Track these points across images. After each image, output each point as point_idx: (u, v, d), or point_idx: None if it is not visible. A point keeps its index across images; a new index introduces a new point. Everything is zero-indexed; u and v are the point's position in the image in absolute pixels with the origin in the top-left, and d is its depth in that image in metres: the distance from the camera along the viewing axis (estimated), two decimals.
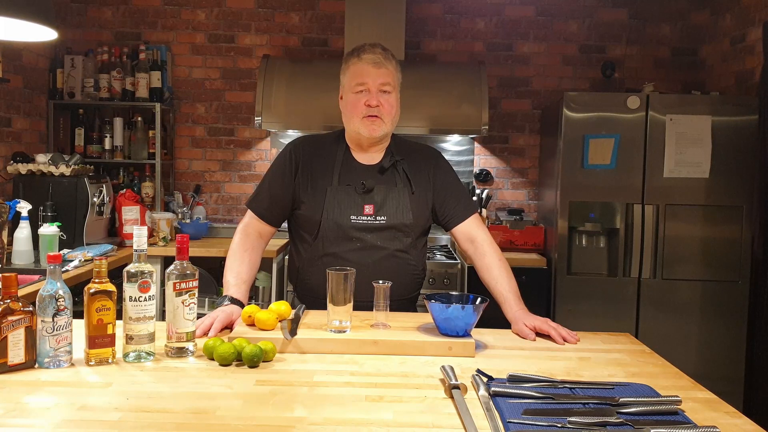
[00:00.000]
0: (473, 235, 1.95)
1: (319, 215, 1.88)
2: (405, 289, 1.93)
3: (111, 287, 1.42)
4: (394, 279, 1.79)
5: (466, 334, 1.58)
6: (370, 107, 1.85)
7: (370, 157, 1.96)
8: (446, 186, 1.99)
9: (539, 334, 1.73)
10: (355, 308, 1.65)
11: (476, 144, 4.09)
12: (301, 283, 1.99)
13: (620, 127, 3.29)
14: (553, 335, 1.70)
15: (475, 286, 3.24)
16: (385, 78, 1.87)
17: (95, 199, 3.32)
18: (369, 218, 1.88)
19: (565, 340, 1.69)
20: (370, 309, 1.69)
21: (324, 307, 1.64)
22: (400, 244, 1.90)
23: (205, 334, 1.62)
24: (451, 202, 1.97)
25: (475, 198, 3.85)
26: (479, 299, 1.61)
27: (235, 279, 1.86)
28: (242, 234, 1.96)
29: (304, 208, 1.92)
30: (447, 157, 2.12)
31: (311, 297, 1.90)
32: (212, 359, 1.46)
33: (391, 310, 1.69)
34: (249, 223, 1.98)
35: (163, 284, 1.55)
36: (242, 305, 1.79)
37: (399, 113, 1.94)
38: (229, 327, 1.69)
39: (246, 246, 1.93)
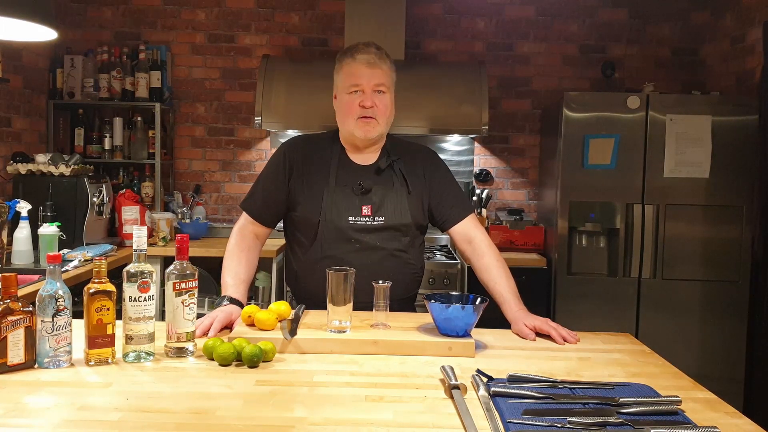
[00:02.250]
0: (471, 236, 1.95)
1: (317, 217, 1.87)
2: (404, 288, 1.93)
3: (111, 287, 1.42)
4: (394, 279, 1.78)
5: (466, 334, 1.58)
6: (364, 108, 1.84)
7: (366, 157, 1.95)
8: (442, 186, 1.98)
9: (540, 335, 1.73)
10: (355, 309, 1.65)
11: (476, 144, 4.09)
12: (300, 287, 1.98)
13: (620, 127, 3.29)
14: (553, 335, 1.70)
15: (475, 286, 3.23)
16: (380, 78, 1.85)
17: (95, 199, 3.32)
18: (367, 219, 1.87)
19: (565, 340, 1.69)
20: (371, 309, 1.69)
21: (325, 310, 1.64)
22: (398, 243, 1.90)
23: (205, 334, 1.62)
24: (447, 203, 1.97)
25: (474, 198, 3.85)
26: (479, 299, 1.61)
27: (233, 279, 1.86)
28: (238, 235, 1.95)
29: (301, 210, 1.90)
30: (447, 157, 2.13)
31: (311, 301, 1.88)
32: (212, 359, 1.46)
33: (390, 310, 1.69)
34: (244, 225, 1.97)
35: (163, 284, 1.55)
36: (241, 305, 1.79)
37: (393, 113, 1.93)
38: (228, 327, 1.69)
39: (242, 246, 1.93)
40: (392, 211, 1.89)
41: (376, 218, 1.87)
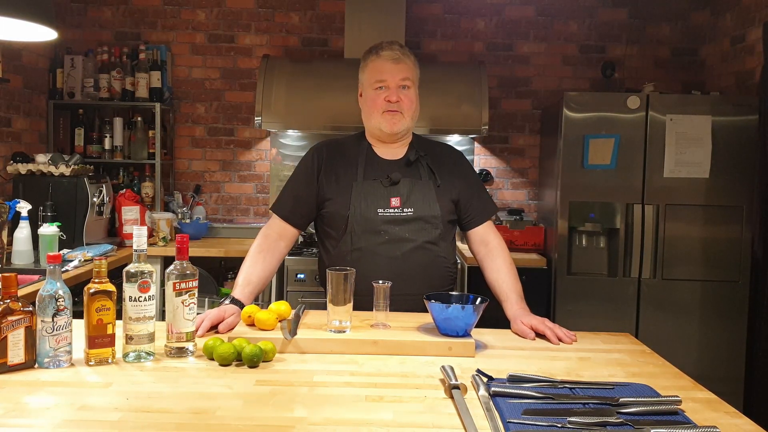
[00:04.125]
0: (488, 239, 1.99)
1: (346, 210, 1.89)
2: (437, 281, 1.91)
3: (111, 287, 1.42)
4: (425, 271, 1.81)
5: (466, 334, 1.58)
6: (390, 102, 1.88)
7: (394, 152, 1.98)
8: (470, 187, 2.01)
9: (538, 334, 1.73)
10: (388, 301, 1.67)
11: (476, 144, 4.09)
12: None
13: (620, 127, 3.29)
14: (548, 335, 1.70)
15: (475, 286, 3.24)
16: (405, 73, 1.90)
17: (95, 199, 3.32)
18: (396, 210, 1.89)
19: (560, 340, 1.69)
20: (399, 302, 1.68)
21: (357, 304, 1.65)
22: (428, 235, 1.90)
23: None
24: (474, 204, 1.99)
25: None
26: (479, 299, 1.61)
27: (243, 281, 1.87)
28: (261, 236, 1.97)
29: (330, 205, 1.92)
30: None
31: None
32: (212, 359, 1.46)
33: (423, 306, 1.69)
34: (270, 225, 1.99)
35: (163, 284, 1.55)
36: (243, 306, 1.79)
37: (419, 109, 1.97)
38: (215, 327, 1.68)
39: (262, 247, 1.94)
40: (421, 203, 1.90)
41: (405, 209, 1.89)
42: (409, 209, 1.89)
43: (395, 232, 1.88)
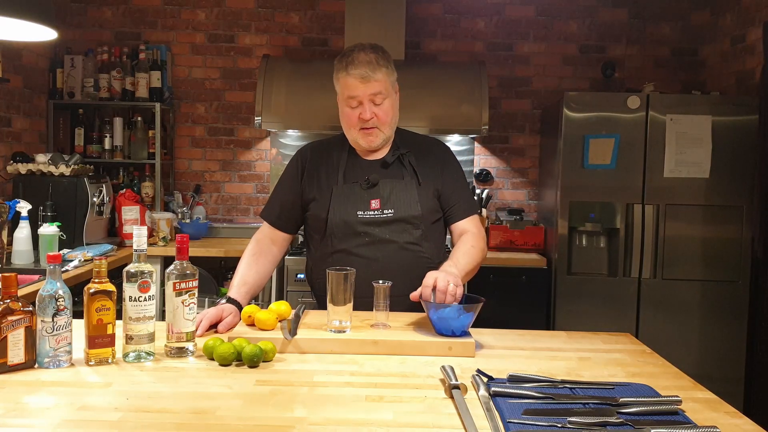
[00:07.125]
0: (467, 229, 1.95)
1: (326, 213, 1.89)
2: (420, 282, 1.83)
3: (111, 287, 1.42)
4: (407, 272, 1.80)
5: (463, 334, 1.58)
6: (364, 120, 1.86)
7: (375, 154, 1.97)
8: (453, 182, 1.99)
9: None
10: (362, 305, 1.66)
11: (476, 144, 4.09)
12: (314, 280, 2.00)
13: (620, 127, 3.29)
14: (437, 286, 1.62)
15: (474, 286, 3.24)
16: (376, 89, 1.84)
17: (95, 199, 3.32)
18: (376, 212, 1.89)
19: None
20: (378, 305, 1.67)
21: None
22: (409, 236, 1.90)
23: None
24: (454, 199, 1.98)
25: (474, 198, 3.85)
26: (475, 298, 1.61)
27: (238, 281, 1.88)
28: (254, 242, 1.99)
29: (312, 208, 1.94)
30: None
31: (324, 295, 1.88)
32: (212, 359, 1.46)
33: (407, 306, 1.69)
34: (262, 230, 2.02)
35: (163, 284, 1.55)
36: (240, 306, 1.79)
37: (397, 114, 1.94)
38: (214, 326, 1.68)
39: (254, 251, 1.96)
40: (402, 204, 1.89)
41: (385, 211, 1.89)
42: (390, 210, 1.89)
43: (376, 233, 1.88)
